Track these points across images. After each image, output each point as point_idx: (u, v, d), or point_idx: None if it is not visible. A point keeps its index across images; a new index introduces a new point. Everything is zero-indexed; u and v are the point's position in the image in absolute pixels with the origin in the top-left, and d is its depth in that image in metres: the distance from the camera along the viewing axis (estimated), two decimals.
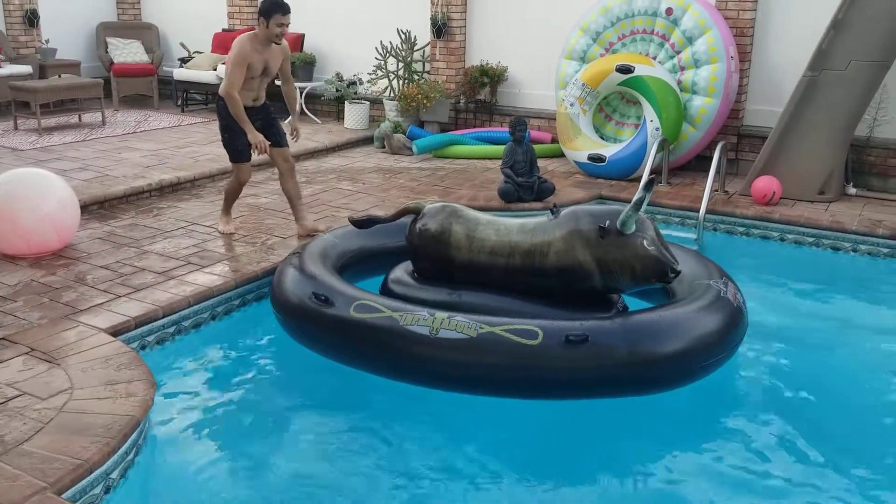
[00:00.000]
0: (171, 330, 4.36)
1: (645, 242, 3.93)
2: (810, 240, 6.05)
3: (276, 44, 5.24)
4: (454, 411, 3.86)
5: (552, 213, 4.22)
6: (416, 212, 4.55)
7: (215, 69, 9.96)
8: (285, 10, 5.08)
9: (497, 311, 3.96)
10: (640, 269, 3.94)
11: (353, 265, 4.79)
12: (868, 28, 6.24)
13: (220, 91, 5.26)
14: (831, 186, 6.60)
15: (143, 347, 4.16)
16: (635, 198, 3.92)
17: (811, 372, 4.32)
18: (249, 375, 4.22)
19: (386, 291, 4.43)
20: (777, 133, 6.66)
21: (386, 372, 3.96)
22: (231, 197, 5.69)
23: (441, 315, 3.77)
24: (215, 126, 9.19)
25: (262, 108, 5.45)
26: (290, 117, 5.79)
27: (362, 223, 4.81)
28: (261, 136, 5.21)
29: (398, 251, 4.71)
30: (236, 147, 5.42)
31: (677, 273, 3.98)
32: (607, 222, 3.94)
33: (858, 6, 6.25)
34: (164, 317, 4.30)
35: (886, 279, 5.63)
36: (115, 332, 4.02)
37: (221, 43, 10.34)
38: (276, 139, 5.47)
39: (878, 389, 4.16)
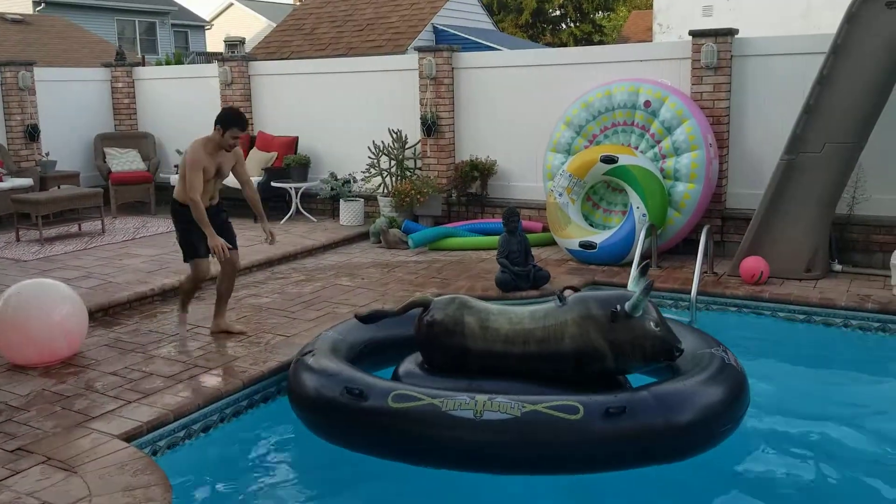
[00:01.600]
0: (182, 434, 4.40)
1: (652, 324, 4.17)
2: (801, 317, 6.20)
3: (227, 151, 5.46)
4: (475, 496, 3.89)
5: (559, 300, 4.39)
6: (424, 305, 4.65)
7: None
8: (243, 126, 5.37)
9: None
10: (649, 349, 4.16)
11: (363, 358, 4.85)
12: (839, 112, 6.57)
13: (177, 195, 5.45)
14: (817, 264, 6.80)
15: (154, 453, 4.19)
16: (642, 285, 4.19)
17: (810, 445, 4.39)
18: (262, 475, 4.25)
19: None
20: (760, 215, 6.91)
21: (430, 460, 3.99)
22: (187, 295, 5.76)
23: (482, 398, 3.87)
24: None
25: (216, 210, 5.59)
26: (261, 222, 5.81)
27: (368, 318, 4.89)
28: (221, 241, 5.30)
29: (405, 342, 4.78)
30: (192, 242, 5.52)
31: (681, 351, 4.23)
32: (619, 307, 4.15)
33: (828, 91, 6.60)
34: (174, 420, 4.35)
35: (879, 353, 5.76)
36: (128, 437, 4.07)
37: None
38: (232, 242, 5.61)
39: (878, 463, 4.23)
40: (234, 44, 11.64)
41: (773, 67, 7.61)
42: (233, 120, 5.32)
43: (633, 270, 4.41)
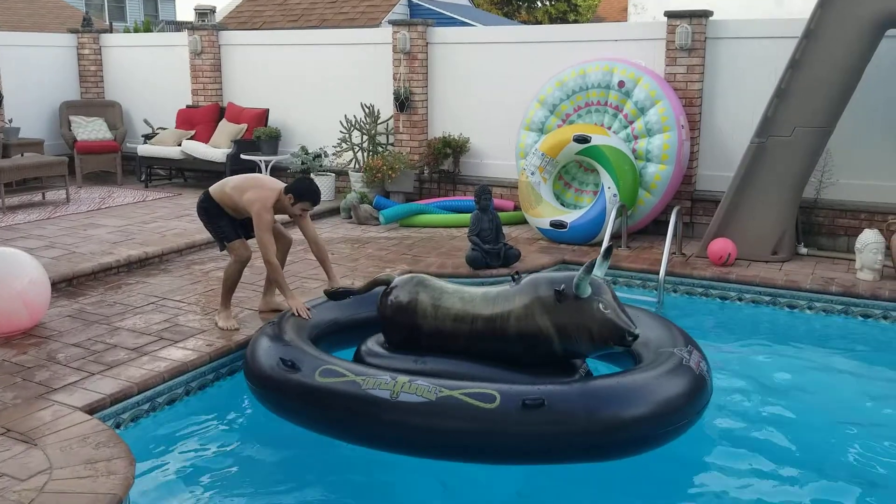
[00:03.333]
0: (146, 406, 4.35)
1: (601, 306, 3.99)
2: (767, 298, 6.28)
3: (290, 217, 5.26)
4: (432, 480, 3.90)
5: (513, 280, 4.35)
6: (387, 283, 4.66)
7: (179, 145, 10.09)
8: (315, 202, 5.16)
9: (460, 378, 4.00)
10: (596, 333, 3.98)
11: (328, 336, 4.85)
12: (809, 96, 6.63)
13: (214, 193, 5.23)
14: (784, 247, 6.89)
15: (118, 425, 4.15)
16: (582, 269, 4.02)
17: (777, 426, 4.46)
18: (226, 450, 4.22)
19: (359, 362, 4.49)
20: (729, 197, 6.96)
21: (349, 437, 4.04)
22: (231, 284, 5.31)
23: (402, 379, 3.86)
24: (181, 200, 9.36)
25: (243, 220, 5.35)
26: (330, 281, 5.34)
27: (336, 295, 4.94)
28: (300, 302, 5.00)
29: (369, 322, 4.80)
30: (221, 228, 5.27)
31: (635, 337, 4.00)
32: (563, 286, 4.03)
33: (800, 75, 6.64)
34: (139, 393, 4.30)
35: (841, 335, 5.86)
36: (91, 409, 4.01)
37: (186, 119, 10.49)
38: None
39: (843, 442, 4.31)
40: (204, 12, 11.38)
41: (746, 50, 7.65)
42: (308, 194, 5.11)
43: (600, 254, 4.31)
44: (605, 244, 6.56)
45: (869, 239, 6.27)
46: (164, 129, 10.67)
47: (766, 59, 7.45)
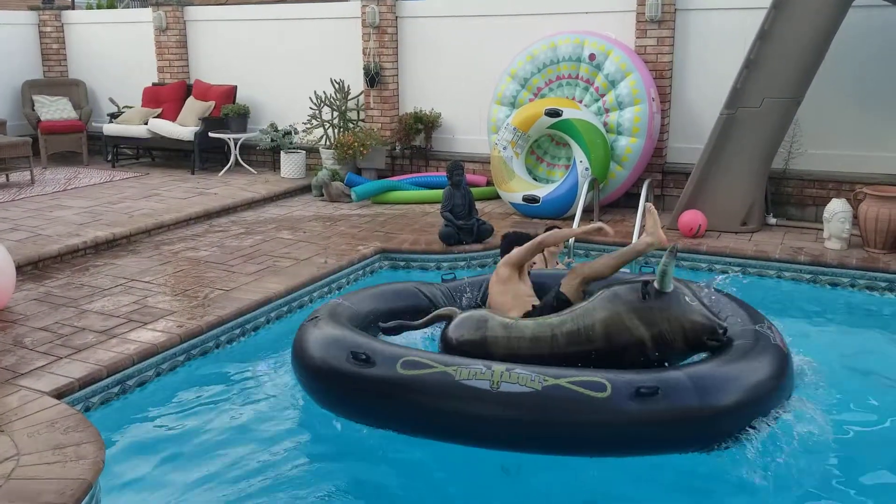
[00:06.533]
0: (116, 390, 4.30)
1: (687, 298, 3.79)
2: (737, 269, 6.34)
3: None
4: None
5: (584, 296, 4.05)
6: (449, 318, 4.32)
7: (146, 123, 9.92)
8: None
9: None
10: (689, 329, 3.76)
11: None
12: (778, 67, 6.65)
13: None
14: (753, 217, 6.94)
15: (87, 409, 4.10)
16: (665, 255, 3.81)
17: None
18: (198, 432, 4.17)
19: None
20: (699, 169, 6.99)
21: (440, 433, 3.70)
22: None
23: (499, 367, 3.56)
24: (149, 180, 9.23)
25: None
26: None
27: (392, 330, 4.49)
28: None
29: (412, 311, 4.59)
30: None
31: (725, 330, 3.84)
32: (647, 283, 3.80)
33: (768, 46, 6.66)
34: (108, 376, 4.25)
35: (810, 303, 5.93)
36: (59, 394, 3.96)
37: (152, 97, 10.31)
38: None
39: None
40: None
41: (715, 22, 7.64)
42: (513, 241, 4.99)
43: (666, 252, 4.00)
44: (577, 217, 6.57)
45: (837, 208, 6.34)
46: (131, 107, 10.48)
47: (736, 30, 7.45)
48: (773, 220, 7.14)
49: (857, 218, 6.37)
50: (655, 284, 3.79)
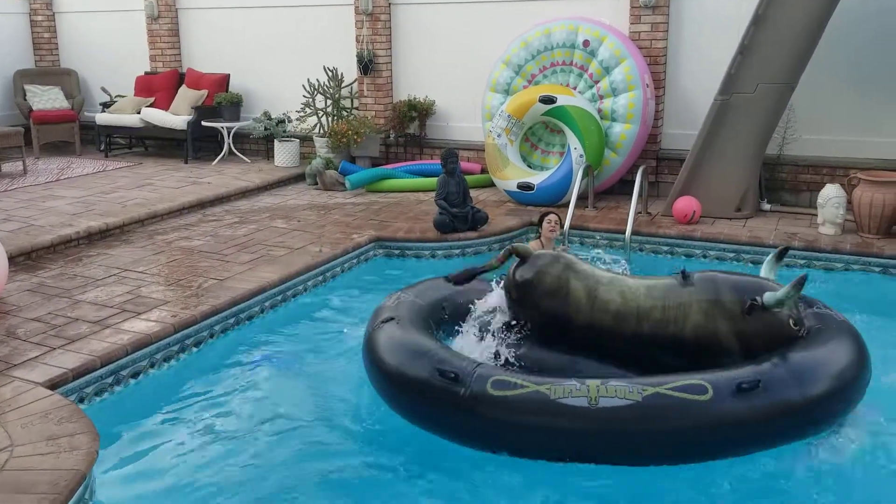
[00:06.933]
0: (110, 380, 4.30)
1: (792, 322, 3.71)
2: (731, 255, 6.34)
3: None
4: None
5: (683, 277, 3.90)
6: (523, 256, 4.12)
7: (138, 112, 9.86)
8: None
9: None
10: (778, 342, 3.70)
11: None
12: (772, 52, 6.62)
13: None
14: (747, 203, 6.94)
15: (81, 400, 4.09)
16: (793, 284, 3.69)
17: None
18: (193, 422, 4.17)
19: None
20: (693, 155, 6.98)
21: (539, 453, 3.59)
22: None
23: (593, 382, 3.48)
24: (142, 170, 9.19)
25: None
26: None
27: (461, 279, 4.33)
28: None
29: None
30: None
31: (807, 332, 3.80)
32: (758, 298, 3.69)
33: (763, 31, 6.63)
34: (102, 367, 4.24)
35: (805, 288, 5.91)
36: (53, 385, 3.95)
37: (145, 86, 10.25)
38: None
39: None
40: None
41: (709, 7, 7.61)
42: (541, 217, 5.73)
43: (773, 254, 3.93)
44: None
45: (830, 194, 6.34)
46: (123, 96, 10.42)
47: (731, 15, 7.42)
48: (767, 206, 7.14)
49: (852, 203, 6.37)
50: (771, 302, 3.68)
